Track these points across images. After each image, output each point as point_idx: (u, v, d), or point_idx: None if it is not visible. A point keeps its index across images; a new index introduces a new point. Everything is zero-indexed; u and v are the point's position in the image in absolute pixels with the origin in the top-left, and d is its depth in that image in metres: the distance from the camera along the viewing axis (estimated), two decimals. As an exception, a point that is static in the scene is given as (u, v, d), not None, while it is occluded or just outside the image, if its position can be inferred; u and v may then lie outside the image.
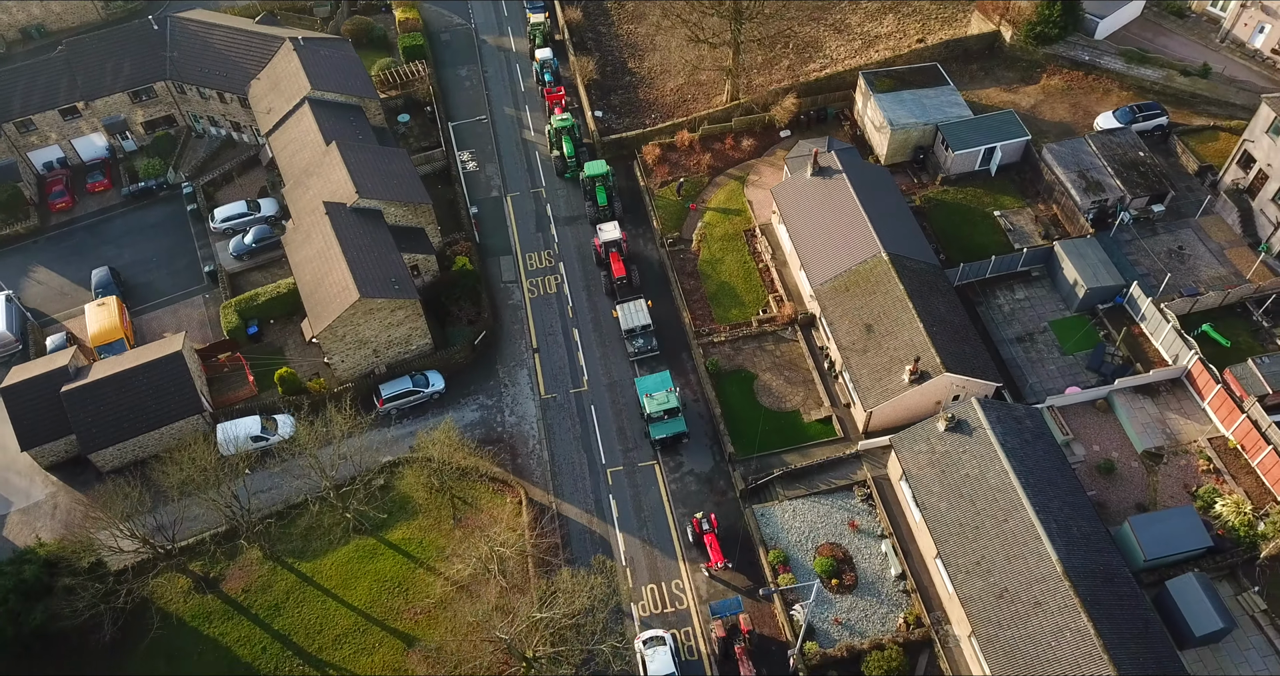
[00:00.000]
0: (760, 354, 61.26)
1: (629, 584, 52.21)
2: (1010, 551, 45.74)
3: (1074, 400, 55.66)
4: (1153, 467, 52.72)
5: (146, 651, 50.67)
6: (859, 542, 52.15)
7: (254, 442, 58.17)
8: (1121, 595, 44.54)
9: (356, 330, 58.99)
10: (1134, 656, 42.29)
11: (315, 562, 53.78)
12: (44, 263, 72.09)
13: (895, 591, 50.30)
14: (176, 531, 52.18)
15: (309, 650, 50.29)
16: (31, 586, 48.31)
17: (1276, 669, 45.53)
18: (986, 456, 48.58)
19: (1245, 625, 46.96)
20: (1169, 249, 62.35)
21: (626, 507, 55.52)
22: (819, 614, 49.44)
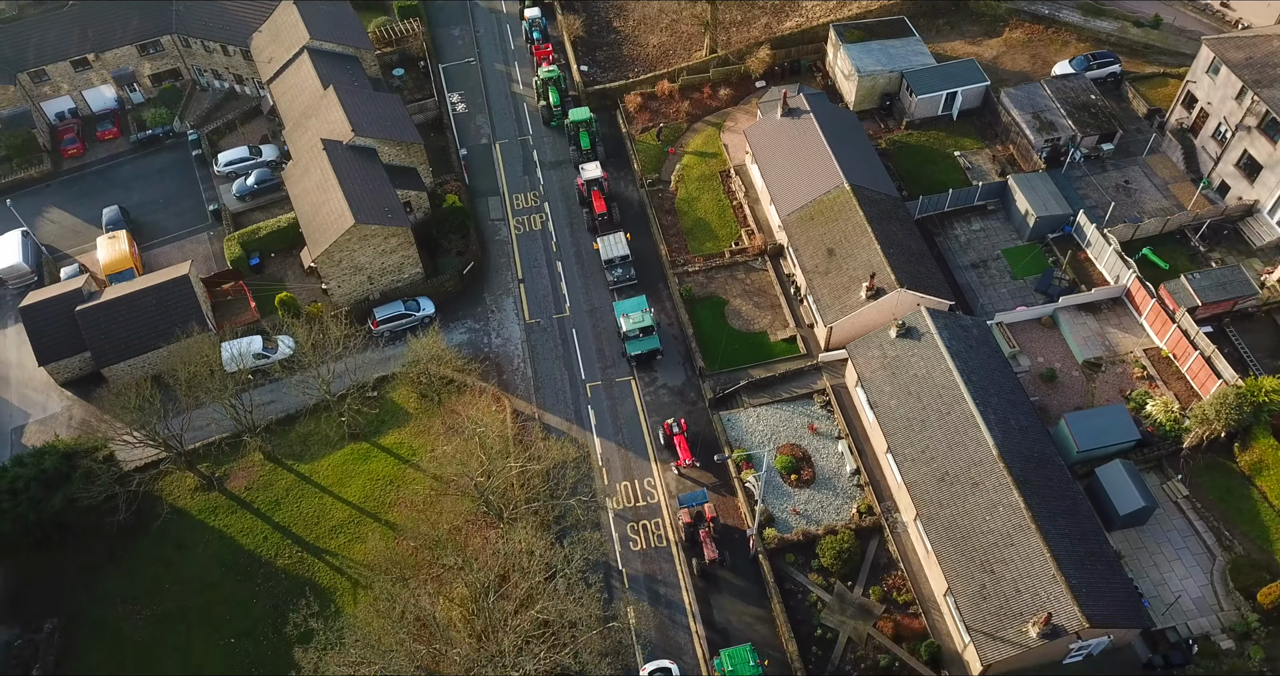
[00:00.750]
0: (731, 282, 65.69)
1: (605, 481, 56.62)
2: (952, 440, 50.16)
3: (1021, 318, 60.09)
4: (1091, 375, 57.13)
5: (156, 540, 55.11)
6: (817, 443, 56.59)
7: (256, 360, 62.58)
8: (1052, 478, 48.93)
9: (352, 256, 63.45)
10: (1061, 529, 46.64)
11: (313, 464, 58.24)
12: (57, 204, 76.59)
13: (850, 486, 54.73)
14: (184, 436, 56.53)
15: (307, 539, 54.71)
16: (51, 476, 52.71)
17: (1196, 548, 49.89)
18: (933, 358, 53.02)
19: (1169, 510, 51.35)
20: (1116, 184, 66.79)
21: (604, 417, 59.93)
22: (778, 505, 53.87)
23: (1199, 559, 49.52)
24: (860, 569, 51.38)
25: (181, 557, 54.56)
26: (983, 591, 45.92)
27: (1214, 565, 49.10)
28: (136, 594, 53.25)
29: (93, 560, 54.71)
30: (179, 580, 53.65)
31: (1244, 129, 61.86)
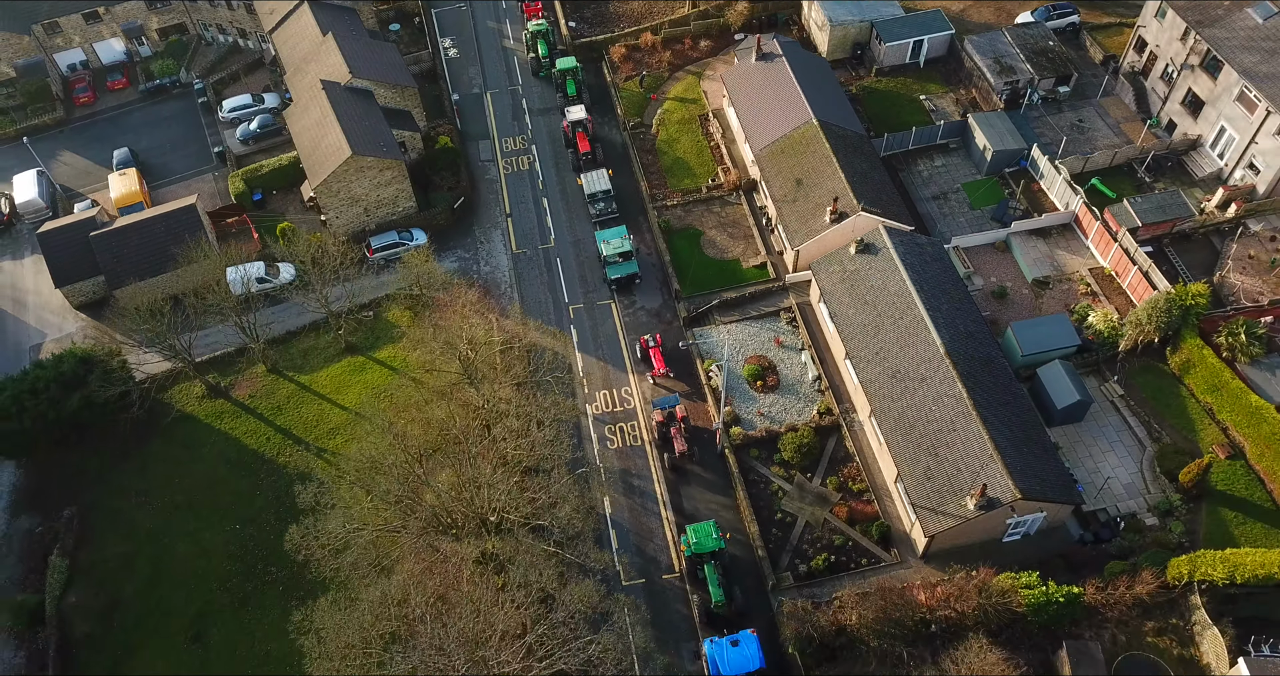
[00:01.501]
0: (708, 215, 70.17)
1: (585, 390, 61.10)
2: (903, 341, 54.62)
3: (976, 242, 64.55)
4: (1040, 292, 61.57)
5: (166, 441, 59.62)
6: (782, 355, 61.05)
7: (259, 283, 67.08)
8: (995, 375, 53.36)
9: (349, 187, 67.97)
10: (1000, 417, 51.05)
11: (312, 375, 62.77)
12: (69, 148, 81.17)
13: (811, 391, 59.19)
14: (192, 348, 61.04)
15: (306, 440, 59.23)
16: (69, 378, 57.23)
17: (1129, 441, 54.31)
18: (888, 270, 57.49)
19: (1105, 408, 55.78)
20: (1071, 124, 71.25)
21: (585, 335, 64.42)
22: (744, 408, 58.32)
23: (1130, 450, 53.94)
24: (819, 462, 55.81)
25: (189, 456, 59.04)
26: (927, 473, 50.37)
27: (1143, 455, 53.53)
28: (148, 487, 57.74)
29: (107, 458, 59.20)
30: (187, 476, 58.12)
31: (1188, 68, 66.27)
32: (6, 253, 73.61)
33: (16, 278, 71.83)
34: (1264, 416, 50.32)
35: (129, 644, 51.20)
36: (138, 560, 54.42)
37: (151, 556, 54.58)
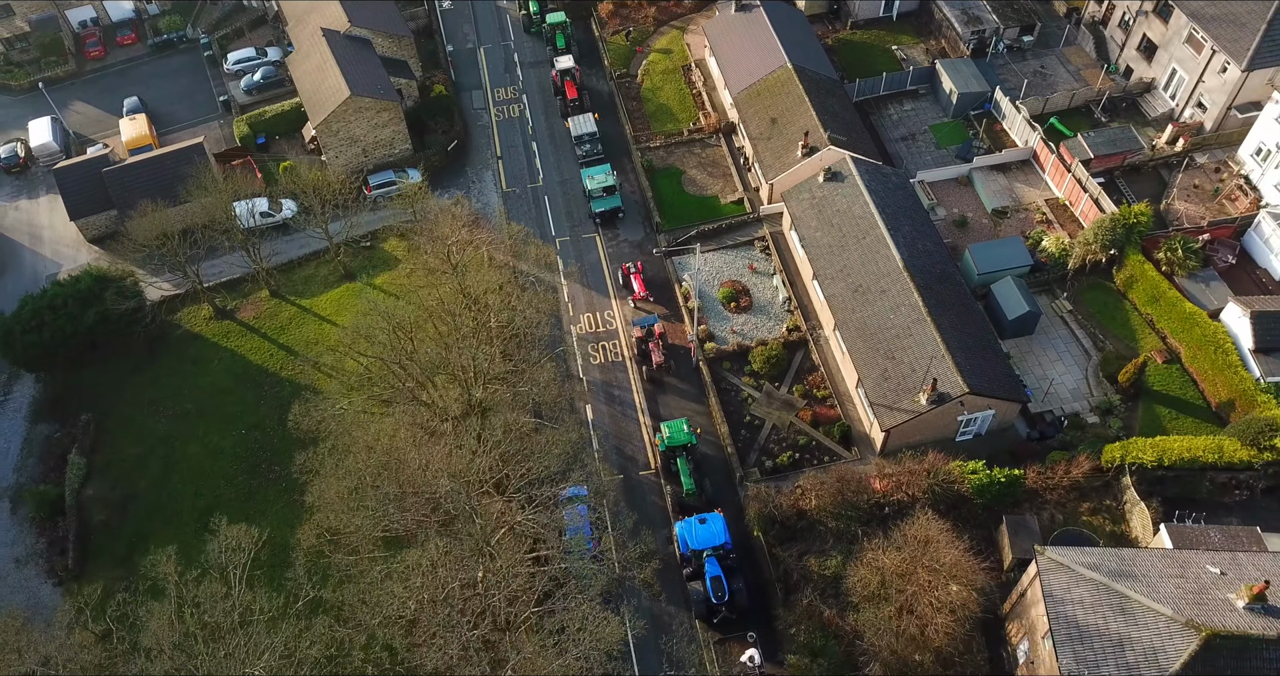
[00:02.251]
0: (689, 155, 74.41)
1: (570, 313, 65.33)
2: (865, 259, 58.82)
3: (940, 176, 68.75)
4: (998, 221, 65.76)
5: (175, 357, 63.89)
6: (755, 280, 65.27)
7: (263, 218, 71.27)
8: (951, 289, 57.55)
9: (348, 127, 72.22)
10: (953, 324, 55.22)
11: (312, 299, 67.05)
12: (81, 99, 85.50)
13: (781, 311, 63.41)
14: (200, 274, 65.29)
15: (307, 355, 63.43)
16: (85, 294, 61.50)
17: (1076, 352, 58.45)
18: (854, 196, 61.68)
19: (1055, 323, 59.95)
20: (1034, 70, 75.39)
21: (571, 261, 68.64)
22: (718, 327, 62.52)
23: (1077, 359, 58.11)
24: (786, 373, 60.01)
25: (197, 370, 63.30)
26: (885, 374, 54.55)
27: (1089, 363, 57.69)
28: (159, 397, 62.01)
29: (120, 372, 63.45)
30: (196, 387, 62.39)
31: (1143, 14, 70.44)
32: (23, 192, 77.94)
33: (33, 215, 76.15)
34: (1197, 321, 54.44)
35: (142, 532, 55.42)
36: (150, 459, 58.64)
37: (163, 456, 58.79)
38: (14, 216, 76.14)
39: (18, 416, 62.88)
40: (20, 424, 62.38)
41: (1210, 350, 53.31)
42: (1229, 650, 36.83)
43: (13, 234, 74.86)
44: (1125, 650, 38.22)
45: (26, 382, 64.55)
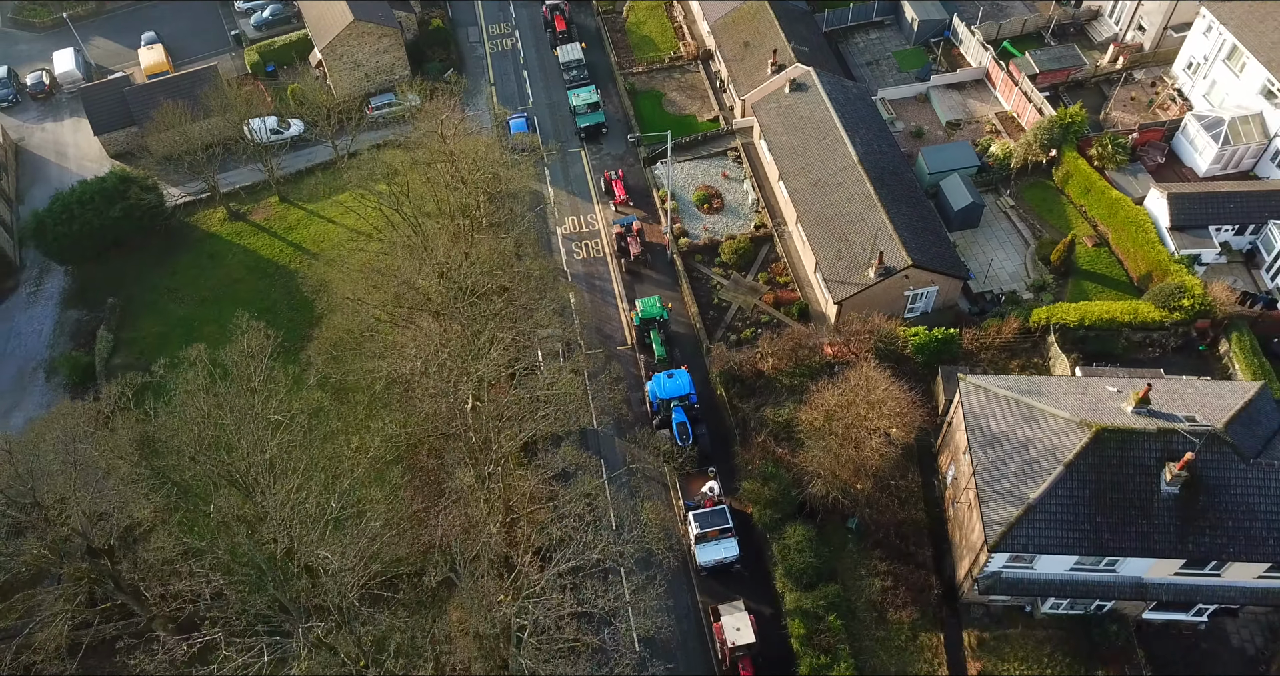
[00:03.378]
0: (669, 80, 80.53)
1: (555, 215, 71.44)
2: (824, 156, 64.84)
3: (900, 94, 74.81)
4: (951, 132, 71.82)
5: (193, 253, 70.06)
6: (727, 185, 71.36)
7: (272, 134, 77.44)
8: (903, 184, 63.48)
9: (351, 51, 78.37)
10: (903, 211, 61.10)
11: (319, 204, 73.24)
12: (101, 35, 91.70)
13: (750, 211, 69.48)
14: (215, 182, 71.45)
15: (314, 252, 69.55)
16: (111, 192, 67.70)
17: (1016, 241, 64.43)
18: (816, 103, 67.72)
19: (999, 217, 65.97)
20: (992, 1, 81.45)
21: (558, 174, 74.77)
22: (691, 226, 68.57)
23: (1017, 248, 64.15)
24: (752, 263, 66.08)
25: (213, 263, 69.48)
26: (839, 254, 60.59)
27: (1027, 251, 63.71)
28: (178, 286, 68.18)
29: (142, 265, 69.70)
30: (212, 278, 68.56)
31: (1090, -53, 76.52)
32: (49, 116, 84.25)
33: (58, 135, 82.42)
34: (1122, 206, 60.46)
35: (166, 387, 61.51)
36: (171, 336, 64.76)
37: (183, 335, 64.84)
38: (41, 136, 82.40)
39: (50, 304, 69.10)
40: (52, 310, 68.58)
41: (1133, 230, 59.32)
42: (1115, 442, 42.86)
43: (40, 151, 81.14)
44: (1029, 449, 44.27)
45: (57, 275, 70.78)
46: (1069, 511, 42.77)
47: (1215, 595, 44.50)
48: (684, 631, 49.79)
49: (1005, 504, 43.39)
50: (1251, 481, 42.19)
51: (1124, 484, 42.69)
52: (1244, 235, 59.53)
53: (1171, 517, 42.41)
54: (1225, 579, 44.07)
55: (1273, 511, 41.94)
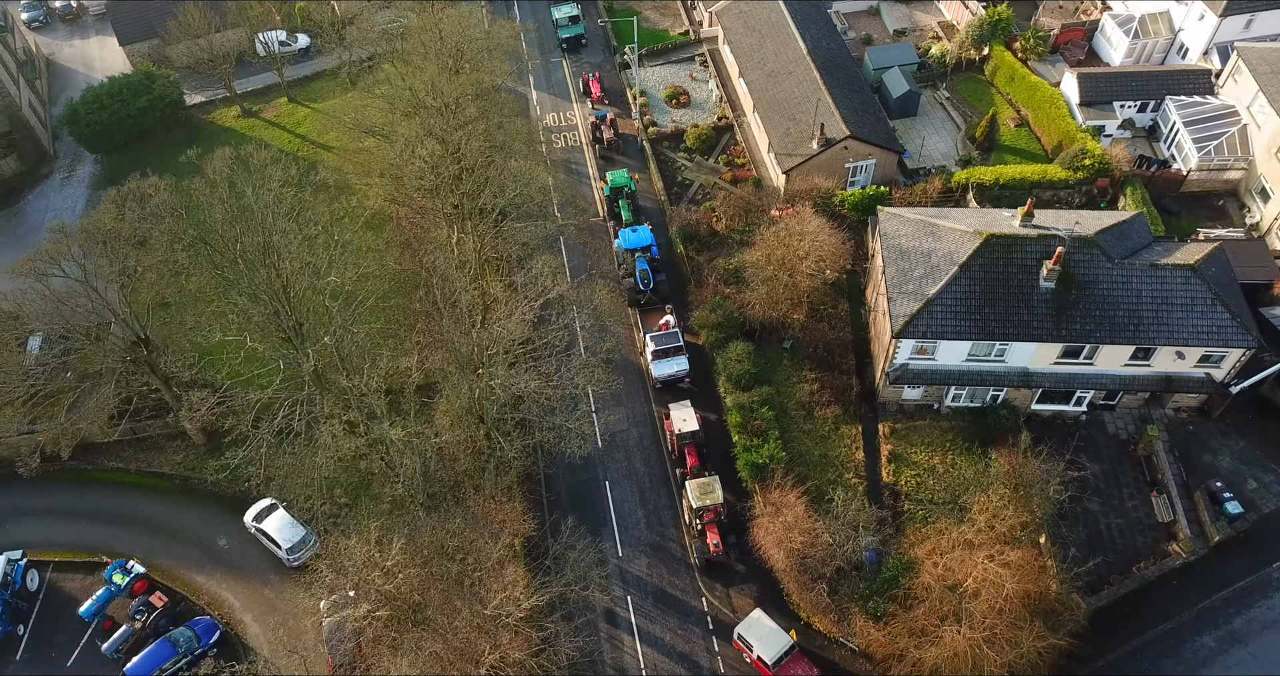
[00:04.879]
0: (644, 1, 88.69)
1: (538, 112, 79.55)
2: (778, 51, 72.83)
3: (853, 8, 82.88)
4: (898, 37, 79.82)
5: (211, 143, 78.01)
6: (694, 85, 79.44)
7: (281, 47, 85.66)
8: (847, 74, 71.46)
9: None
10: (846, 95, 69.07)
11: (324, 103, 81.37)
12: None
13: (713, 106, 77.52)
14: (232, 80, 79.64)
15: (320, 142, 77.68)
16: (136, 85, 75.91)
17: (950, 126, 72.39)
18: (773, 8, 75.71)
19: (935, 108, 73.95)
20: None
21: (540, 80, 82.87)
22: (660, 118, 76.60)
23: (949, 132, 72.11)
24: (714, 148, 74.09)
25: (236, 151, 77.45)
26: (787, 132, 68.57)
27: (959, 133, 71.70)
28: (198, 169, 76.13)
29: (165, 155, 77.60)
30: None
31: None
32: (76, 34, 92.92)
33: (85, 51, 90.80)
34: (1040, 88, 68.48)
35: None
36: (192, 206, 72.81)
37: (203, 206, 72.95)
38: (69, 51, 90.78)
39: (82, 186, 77.31)
40: (84, 191, 76.77)
41: (1048, 107, 67.30)
42: (1002, 246, 50.81)
43: (69, 64, 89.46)
44: (931, 257, 52.20)
45: (88, 163, 79.02)
46: (962, 304, 50.71)
47: (1089, 381, 52.40)
48: (640, 432, 57.70)
49: (910, 300, 51.32)
50: (1116, 279, 50.10)
51: (1009, 281, 50.62)
52: (1146, 112, 67.47)
53: (1049, 309, 50.33)
54: (1097, 367, 51.97)
55: (1133, 303, 49.85)
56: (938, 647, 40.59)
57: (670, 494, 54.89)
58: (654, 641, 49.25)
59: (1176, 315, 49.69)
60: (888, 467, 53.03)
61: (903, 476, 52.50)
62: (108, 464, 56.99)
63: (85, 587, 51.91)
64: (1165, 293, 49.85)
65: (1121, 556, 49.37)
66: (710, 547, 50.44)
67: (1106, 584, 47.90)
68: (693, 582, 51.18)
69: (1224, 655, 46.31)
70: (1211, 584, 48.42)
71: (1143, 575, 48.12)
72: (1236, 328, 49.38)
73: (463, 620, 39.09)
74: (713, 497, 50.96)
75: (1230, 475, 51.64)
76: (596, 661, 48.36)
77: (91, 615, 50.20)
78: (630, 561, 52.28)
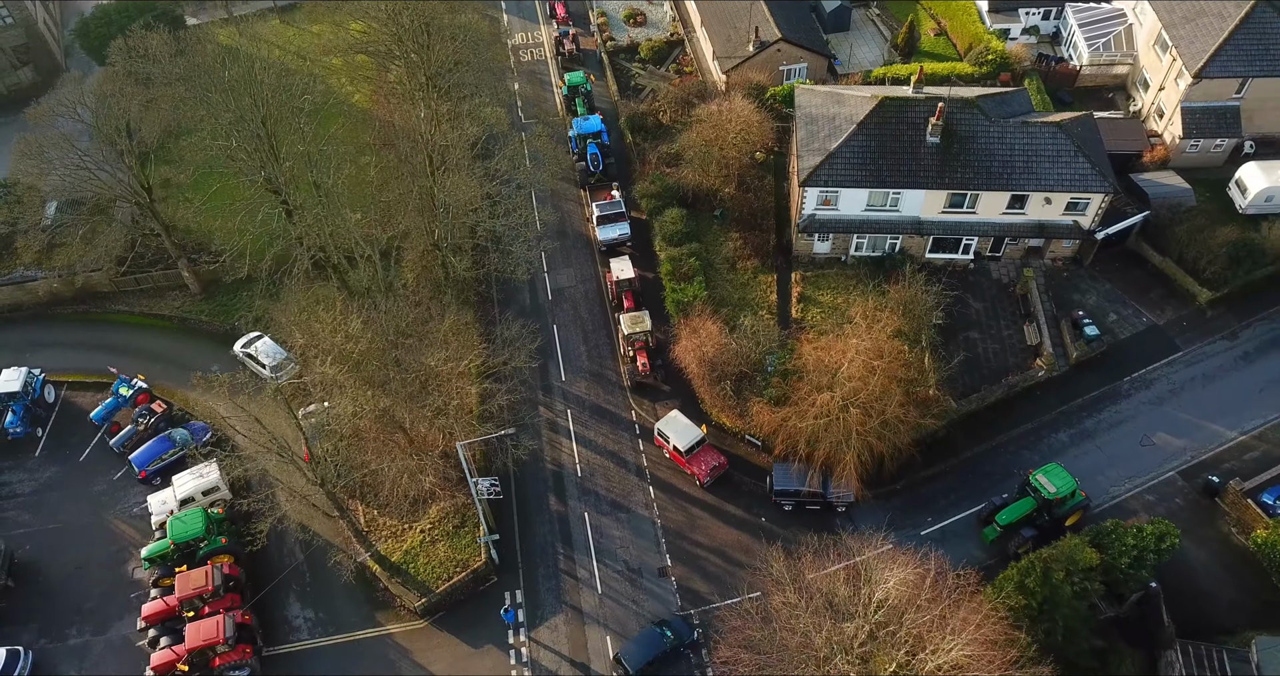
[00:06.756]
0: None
1: (509, 28, 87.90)
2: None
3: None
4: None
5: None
6: (651, 8, 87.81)
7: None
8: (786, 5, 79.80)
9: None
10: (781, 8, 77.09)
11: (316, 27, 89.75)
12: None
13: (667, 24, 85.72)
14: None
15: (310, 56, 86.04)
16: (141, 4, 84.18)
17: (879, 40, 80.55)
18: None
19: (867, 23, 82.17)
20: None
21: (511, 5, 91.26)
22: (619, 37, 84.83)
23: (879, 44, 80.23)
24: (665, 60, 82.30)
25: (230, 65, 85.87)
26: (728, 38, 76.74)
27: (885, 44, 79.82)
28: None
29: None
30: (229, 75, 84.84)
31: None
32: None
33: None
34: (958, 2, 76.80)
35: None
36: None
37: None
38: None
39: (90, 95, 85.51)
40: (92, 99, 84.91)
41: (961, 14, 75.58)
42: (894, 107, 58.91)
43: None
44: (835, 119, 60.29)
45: (96, 73, 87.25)
46: (859, 156, 58.79)
47: (974, 229, 60.41)
48: (586, 288, 65.74)
49: (815, 155, 59.42)
50: (992, 134, 58.17)
51: (900, 136, 58.70)
52: (1050, 20, 75.62)
53: (934, 160, 58.39)
54: (979, 216, 60.00)
55: (1006, 155, 57.90)
56: (814, 412, 48.51)
57: (610, 335, 62.87)
58: (589, 443, 57.20)
59: (1044, 165, 57.74)
60: (797, 306, 61.01)
61: (809, 313, 60.47)
62: (114, 308, 65.19)
63: (95, 402, 59.95)
64: (1035, 146, 57.90)
65: (995, 373, 57.31)
66: (639, 368, 58.41)
67: (975, 392, 55.82)
68: (624, 399, 59.15)
69: (1074, 447, 54.25)
70: (1069, 393, 56.38)
71: (1009, 383, 56.04)
72: (1095, 175, 57.40)
73: (412, 375, 47.36)
74: (642, 326, 58.97)
75: (1094, 310, 59.65)
76: (540, 457, 56.36)
77: (101, 419, 58.25)
78: (571, 384, 60.27)
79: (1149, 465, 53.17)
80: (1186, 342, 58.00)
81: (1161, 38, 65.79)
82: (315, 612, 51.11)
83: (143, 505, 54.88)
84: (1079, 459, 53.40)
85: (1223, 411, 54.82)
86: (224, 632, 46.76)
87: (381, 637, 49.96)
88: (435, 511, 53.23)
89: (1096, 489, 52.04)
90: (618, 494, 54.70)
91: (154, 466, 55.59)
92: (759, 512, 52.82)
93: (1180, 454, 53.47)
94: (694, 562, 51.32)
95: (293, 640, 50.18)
